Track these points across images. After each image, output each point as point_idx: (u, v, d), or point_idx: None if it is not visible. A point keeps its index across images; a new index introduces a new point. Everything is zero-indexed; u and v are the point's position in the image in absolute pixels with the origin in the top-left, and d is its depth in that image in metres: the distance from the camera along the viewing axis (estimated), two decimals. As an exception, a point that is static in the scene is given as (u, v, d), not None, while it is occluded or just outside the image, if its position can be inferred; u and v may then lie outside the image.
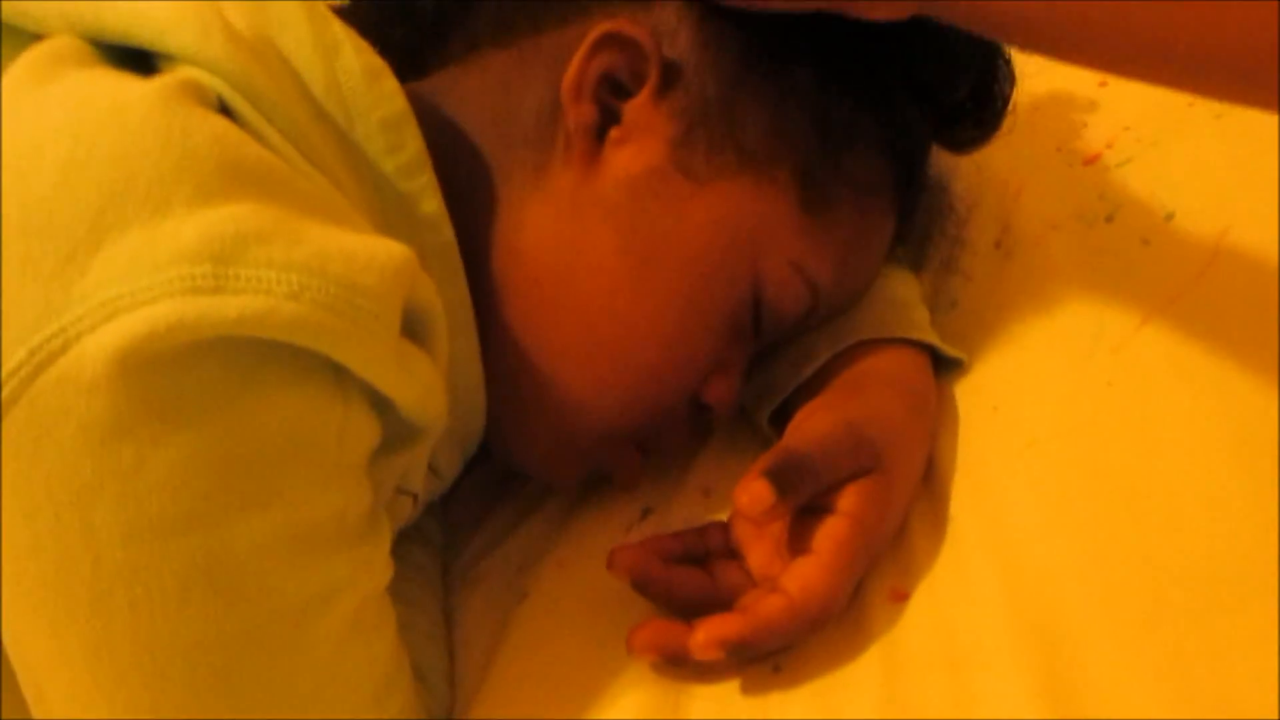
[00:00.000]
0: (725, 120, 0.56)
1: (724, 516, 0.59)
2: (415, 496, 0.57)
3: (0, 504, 0.43)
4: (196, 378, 0.43)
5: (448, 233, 0.55)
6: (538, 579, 0.60)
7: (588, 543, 0.61)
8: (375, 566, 0.50)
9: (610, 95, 0.57)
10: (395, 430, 0.50)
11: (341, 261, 0.44)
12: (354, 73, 0.53)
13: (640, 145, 0.56)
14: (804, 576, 0.51)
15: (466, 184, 0.57)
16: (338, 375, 0.46)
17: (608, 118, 0.57)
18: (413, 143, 0.54)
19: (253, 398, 0.44)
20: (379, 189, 0.53)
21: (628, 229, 0.56)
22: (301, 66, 0.53)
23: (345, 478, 0.48)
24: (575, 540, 0.62)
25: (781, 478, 0.51)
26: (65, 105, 0.45)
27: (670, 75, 0.57)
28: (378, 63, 0.55)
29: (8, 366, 0.42)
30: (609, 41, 0.56)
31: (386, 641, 0.51)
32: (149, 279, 0.42)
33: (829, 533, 0.52)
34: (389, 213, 0.53)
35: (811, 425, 0.56)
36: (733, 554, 0.56)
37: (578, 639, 0.56)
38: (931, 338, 0.62)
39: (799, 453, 0.53)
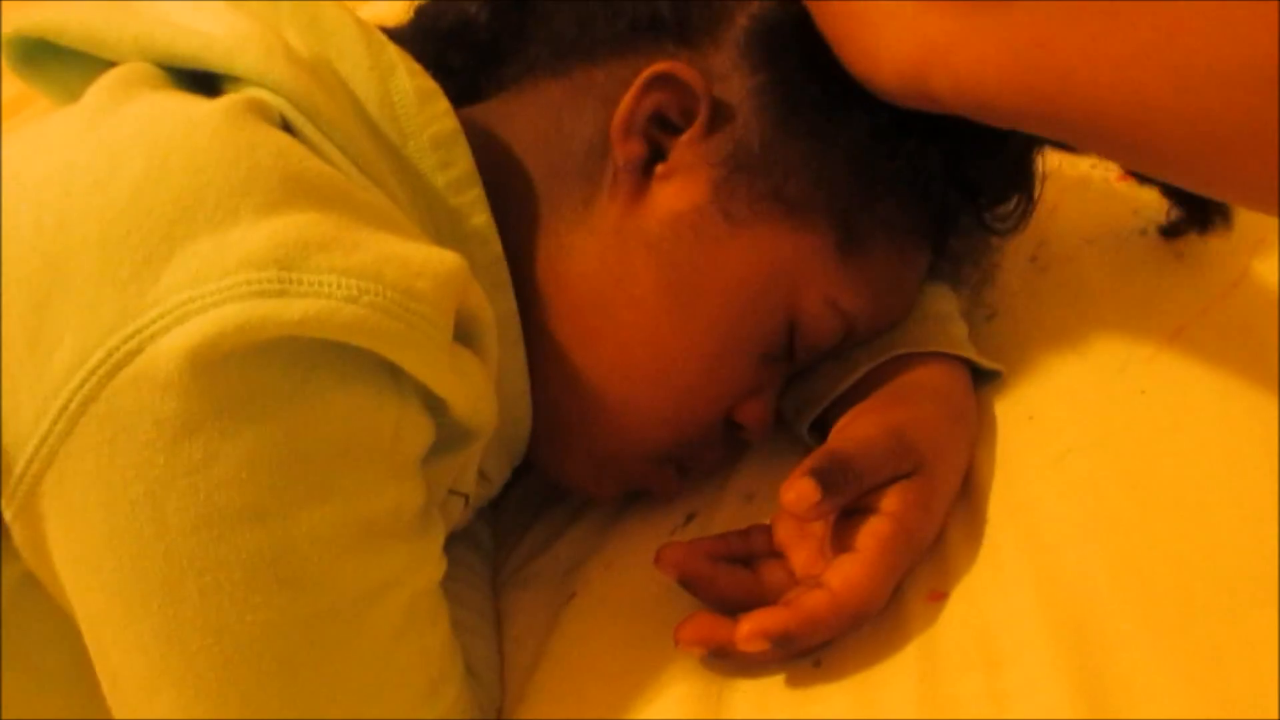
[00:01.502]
0: (768, 166, 0.58)
1: (766, 520, 0.61)
2: (466, 498, 0.59)
3: (81, 497, 0.46)
4: (262, 377, 0.45)
5: (496, 247, 0.57)
6: (585, 580, 0.62)
7: (634, 545, 0.63)
8: (429, 561, 0.52)
9: (659, 131, 0.59)
10: (447, 432, 0.53)
11: (397, 267, 0.47)
12: (407, 93, 0.56)
13: (685, 182, 0.58)
14: (846, 573, 0.53)
15: (515, 206, 0.59)
16: (394, 377, 0.48)
17: (655, 154, 0.59)
18: (463, 160, 0.57)
19: (314, 396, 0.46)
20: (430, 204, 0.56)
21: (668, 265, 0.58)
22: (358, 87, 0.56)
23: (400, 475, 0.50)
24: (621, 543, 0.64)
25: (826, 477, 0.53)
26: (140, 124, 0.48)
27: (718, 116, 0.59)
28: (430, 84, 0.57)
29: (88, 366, 0.44)
30: (661, 81, 0.58)
31: (440, 635, 0.53)
32: (218, 284, 0.44)
33: (871, 531, 0.54)
34: (440, 226, 0.56)
35: (856, 429, 0.57)
36: (776, 555, 0.58)
37: (624, 636, 0.58)
38: (969, 352, 0.63)
39: (844, 454, 0.55)
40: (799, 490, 0.53)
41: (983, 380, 0.64)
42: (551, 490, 0.70)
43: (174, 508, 0.45)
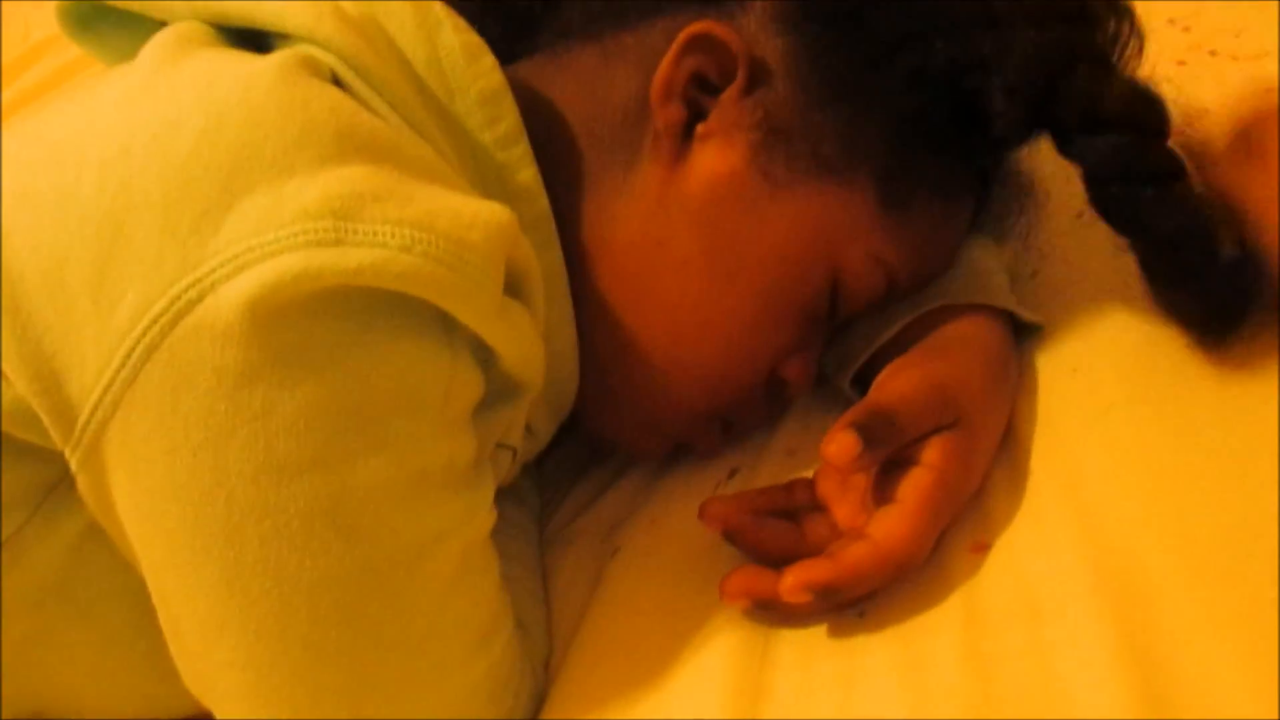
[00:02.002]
0: (806, 126, 0.58)
1: (808, 474, 0.61)
2: (514, 452, 0.60)
3: (145, 445, 0.47)
4: (319, 326, 0.46)
5: (543, 202, 0.58)
6: (629, 536, 0.63)
7: (677, 501, 0.64)
8: (481, 513, 0.53)
9: (698, 92, 0.59)
10: (497, 385, 0.53)
11: (450, 219, 0.47)
12: (454, 49, 0.57)
13: (724, 145, 0.59)
14: (889, 524, 0.53)
15: (559, 166, 0.60)
16: (447, 329, 0.49)
17: (695, 115, 0.59)
18: (509, 115, 0.57)
19: (370, 346, 0.47)
20: (477, 159, 0.57)
21: (710, 229, 0.59)
22: (405, 44, 0.56)
23: (453, 426, 0.51)
24: (665, 499, 0.64)
25: (868, 430, 0.53)
26: (196, 82, 0.49)
27: (756, 77, 0.59)
28: (476, 40, 0.58)
29: (150, 315, 0.45)
30: (699, 43, 0.58)
31: (491, 587, 0.54)
32: (275, 234, 0.45)
33: (913, 483, 0.54)
34: (487, 182, 0.57)
35: (897, 382, 0.58)
36: (819, 508, 0.58)
37: (668, 589, 0.59)
38: (1011, 303, 0.64)
39: (885, 406, 0.55)
40: (840, 443, 0.53)
41: (1025, 334, 0.64)
42: (595, 447, 0.71)
43: (235, 456, 0.46)
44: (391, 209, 0.46)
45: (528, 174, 0.57)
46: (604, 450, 0.70)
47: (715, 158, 0.59)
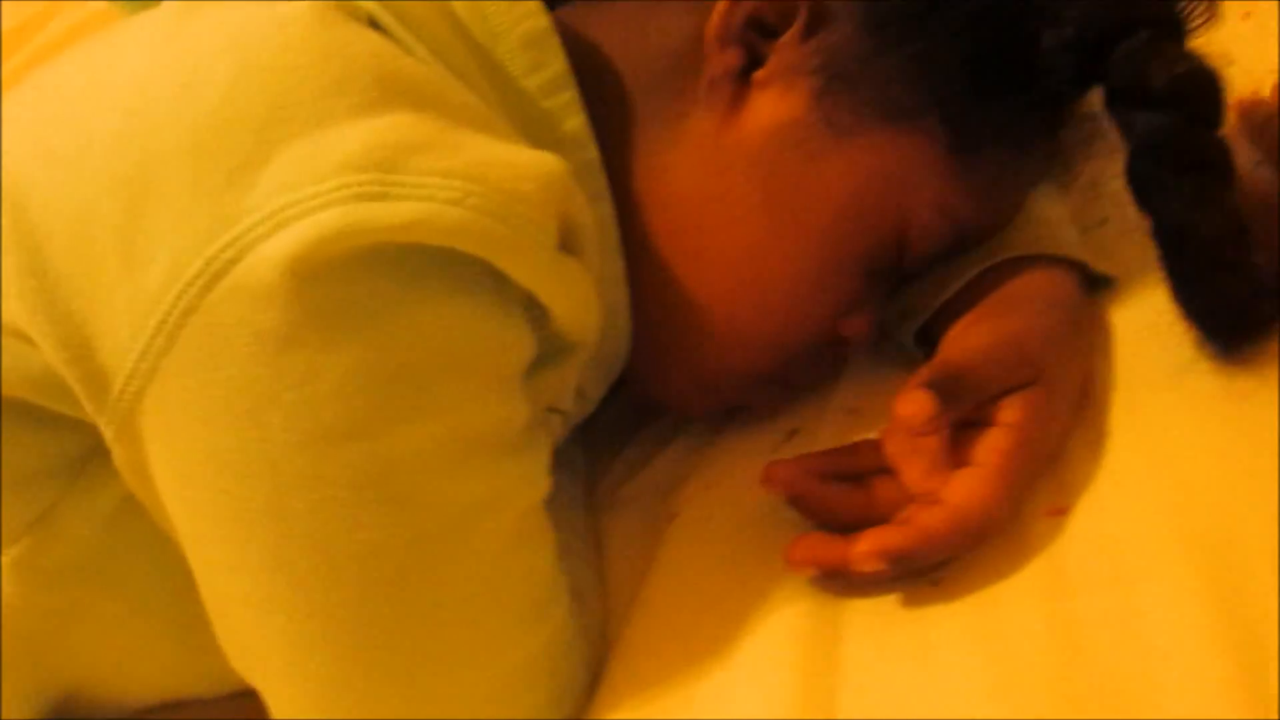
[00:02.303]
0: (871, 70, 0.55)
1: (871, 435, 0.58)
2: (565, 416, 0.58)
3: (183, 414, 0.44)
4: (364, 286, 0.44)
5: (592, 151, 0.55)
6: (686, 500, 0.60)
7: (735, 464, 0.61)
8: (535, 478, 0.50)
9: (755, 36, 0.55)
10: (548, 345, 0.51)
11: (500, 170, 0.45)
12: None
13: (784, 91, 0.55)
14: (966, 488, 0.50)
15: (608, 114, 0.56)
16: (498, 286, 0.46)
17: (751, 60, 0.56)
18: (555, 61, 0.54)
19: (417, 306, 0.45)
20: (521, 107, 0.54)
21: (770, 181, 0.55)
22: None
23: (505, 389, 0.48)
24: (722, 462, 0.61)
25: (943, 388, 0.51)
26: (226, 25, 0.46)
27: (817, 19, 0.55)
28: None
29: (185, 277, 0.43)
30: None
31: (546, 554, 0.51)
32: (315, 188, 0.42)
33: (991, 444, 0.51)
34: (532, 131, 0.53)
35: (970, 338, 0.55)
36: (886, 471, 0.56)
37: (730, 557, 0.56)
38: (1081, 255, 0.60)
39: (960, 364, 0.52)
40: (915, 403, 0.50)
41: (1096, 286, 0.61)
42: (645, 408, 0.68)
43: (278, 424, 0.44)
44: (439, 160, 0.44)
45: (575, 121, 0.54)
46: (654, 411, 0.67)
47: (775, 105, 0.55)
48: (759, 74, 0.55)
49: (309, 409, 0.44)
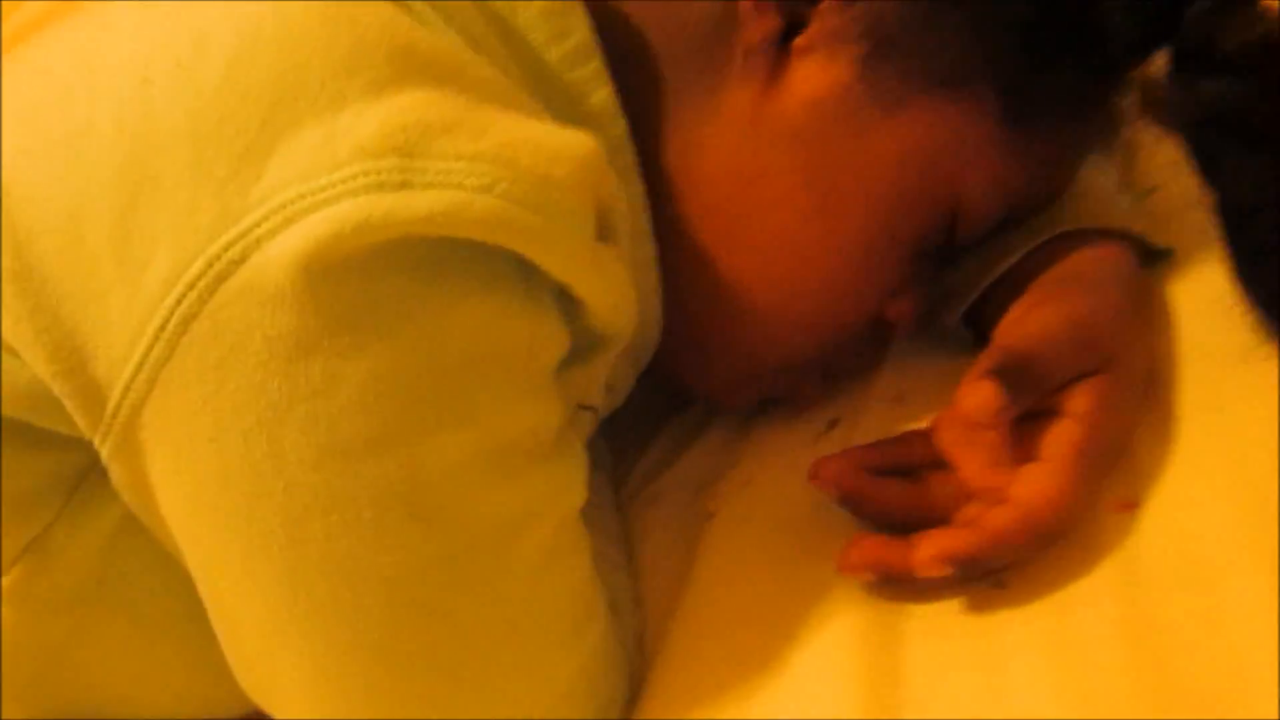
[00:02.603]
0: (920, 36, 0.51)
1: (916, 424, 0.55)
2: (595, 412, 0.54)
3: (186, 430, 0.40)
4: (385, 284, 0.40)
5: (621, 126, 0.51)
6: (723, 497, 0.56)
7: (773, 458, 0.57)
8: (572, 485, 0.47)
9: (795, 1, 0.51)
10: (581, 339, 0.47)
11: (531, 152, 0.40)
12: None
13: (827, 59, 0.51)
14: (1036, 485, 0.47)
15: (636, 87, 0.52)
16: (527, 278, 0.43)
17: (791, 26, 0.51)
18: (579, 29, 0.50)
19: (442, 304, 0.41)
20: (543, 81, 0.49)
21: (813, 156, 0.51)
22: None
23: (537, 391, 0.44)
24: (759, 455, 0.58)
25: (1009, 378, 0.47)
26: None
27: None
28: None
29: (186, 279, 0.39)
30: None
31: (584, 567, 0.48)
32: (329, 177, 0.38)
33: (1059, 437, 0.48)
34: (555, 105, 0.49)
35: (1033, 321, 0.51)
36: (939, 465, 0.52)
37: (773, 559, 0.53)
38: (1137, 229, 0.57)
39: (1025, 351, 0.49)
40: (982, 394, 0.47)
41: (1151, 261, 0.58)
42: (673, 397, 0.64)
43: (292, 439, 0.40)
44: (464, 142, 0.39)
45: (602, 95, 0.50)
46: (679, 400, 0.63)
47: (817, 74, 0.51)
48: (799, 40, 0.51)
49: (327, 421, 0.40)
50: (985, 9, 0.51)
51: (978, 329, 0.57)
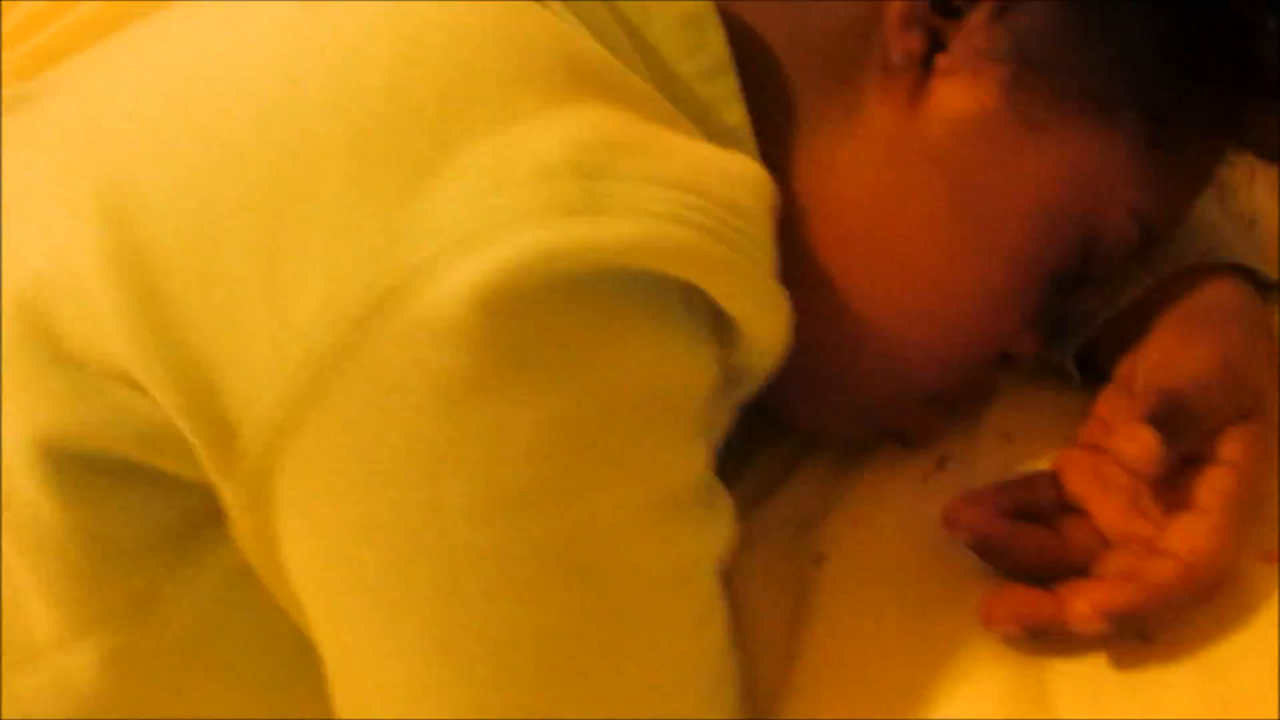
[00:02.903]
0: (1068, 54, 0.48)
1: (1034, 465, 0.52)
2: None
3: (332, 478, 0.36)
4: (562, 319, 0.36)
5: (752, 148, 0.47)
6: (831, 540, 0.53)
7: (882, 496, 0.54)
8: (725, 533, 0.43)
9: (938, 16, 0.48)
10: (728, 374, 0.43)
11: (718, 178, 0.37)
12: None
13: (971, 79, 0.48)
14: (1194, 537, 0.45)
15: (766, 105, 0.48)
16: (690, 309, 0.39)
17: (934, 45, 0.48)
18: (715, 43, 0.46)
19: (618, 345, 0.37)
20: (675, 96, 0.46)
21: (958, 179, 0.48)
22: None
23: (695, 434, 0.41)
24: (866, 493, 0.54)
25: (1167, 423, 0.45)
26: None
27: None
28: None
29: (341, 309, 0.35)
30: None
31: (726, 622, 0.44)
32: (507, 198, 0.35)
33: (1214, 485, 0.46)
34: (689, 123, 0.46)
35: (1186, 362, 0.49)
36: (1070, 509, 0.50)
37: (897, 607, 0.50)
38: (1257, 262, 0.55)
39: (1182, 394, 0.46)
40: (1142, 442, 0.44)
41: (1262, 295, 0.56)
42: (762, 428, 0.60)
43: (456, 490, 0.36)
44: (651, 165, 0.36)
45: (735, 114, 0.47)
46: (770, 430, 0.60)
47: (961, 95, 0.48)
48: (943, 60, 0.48)
49: (492, 471, 0.36)
50: (1135, 32, 0.48)
51: (1086, 364, 0.55)
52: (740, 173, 0.38)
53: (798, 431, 0.58)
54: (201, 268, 0.36)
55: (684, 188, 0.36)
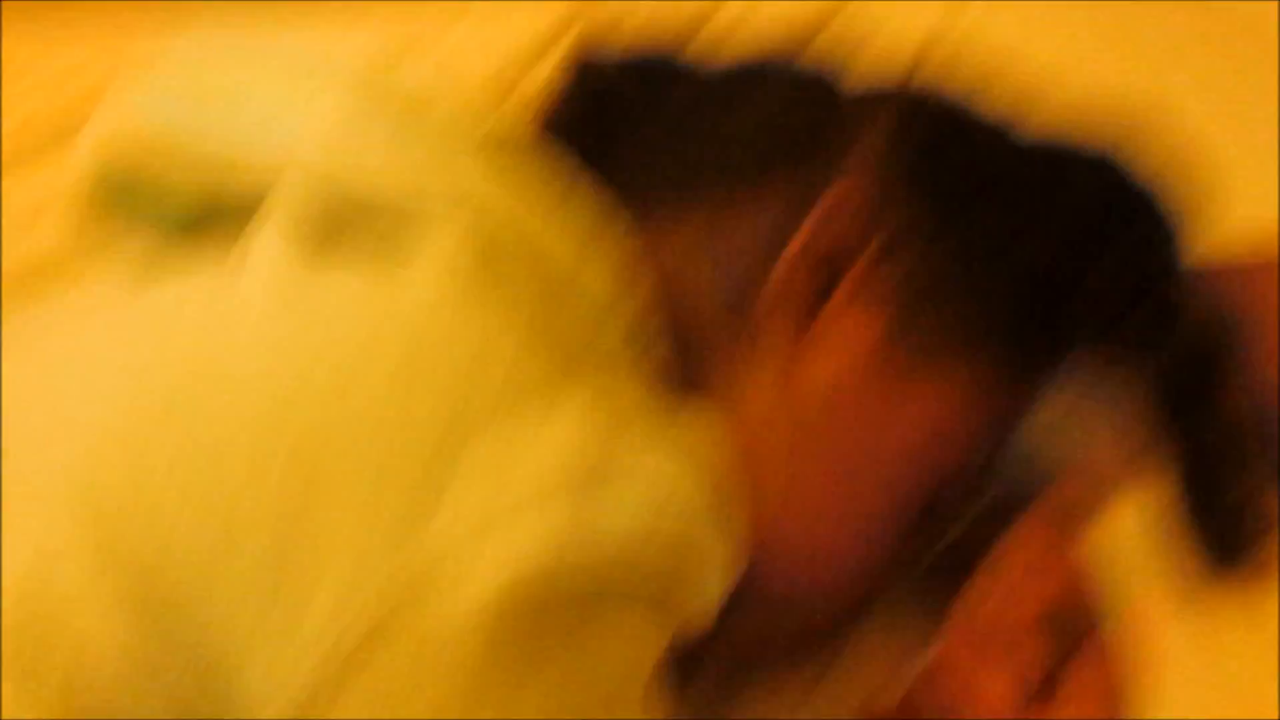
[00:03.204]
0: (947, 292, 0.52)
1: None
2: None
3: None
4: (562, 621, 0.38)
5: (660, 390, 0.49)
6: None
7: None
8: None
9: (830, 261, 0.52)
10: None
11: (692, 463, 0.41)
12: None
13: (856, 323, 0.51)
14: None
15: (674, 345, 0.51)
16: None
17: (826, 288, 0.52)
18: (640, 290, 0.49)
19: (605, 634, 0.39)
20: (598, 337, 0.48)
21: (847, 415, 0.52)
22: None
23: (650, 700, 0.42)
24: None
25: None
26: (366, 298, 0.40)
27: (890, 242, 0.52)
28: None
29: (355, 618, 0.35)
30: (836, 207, 0.52)
31: None
32: (511, 501, 0.37)
33: None
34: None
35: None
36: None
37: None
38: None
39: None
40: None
41: None
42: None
43: None
44: (642, 459, 0.39)
45: (653, 358, 0.49)
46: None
47: (846, 337, 0.51)
48: (835, 300, 0.52)
49: None
50: (989, 281, 0.53)
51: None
52: (708, 450, 0.42)
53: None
54: (210, 570, 0.35)
55: (671, 476, 0.40)
